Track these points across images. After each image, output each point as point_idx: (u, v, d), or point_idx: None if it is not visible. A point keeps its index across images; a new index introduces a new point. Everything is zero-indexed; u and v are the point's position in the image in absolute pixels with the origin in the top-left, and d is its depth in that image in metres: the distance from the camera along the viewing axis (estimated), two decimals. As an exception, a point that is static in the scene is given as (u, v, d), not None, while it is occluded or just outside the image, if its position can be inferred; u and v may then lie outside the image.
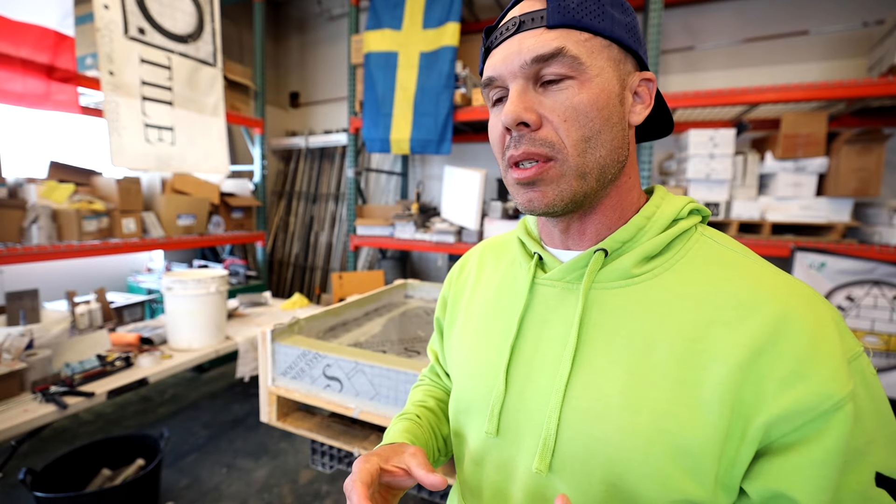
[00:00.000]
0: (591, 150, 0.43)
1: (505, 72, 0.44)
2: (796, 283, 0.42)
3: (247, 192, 3.73)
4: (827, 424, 0.36)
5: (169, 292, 2.12)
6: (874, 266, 2.26)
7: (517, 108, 0.42)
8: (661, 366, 0.41)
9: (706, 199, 2.57)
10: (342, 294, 2.95)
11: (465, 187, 3.00)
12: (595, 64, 0.43)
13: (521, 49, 0.43)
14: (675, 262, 0.45)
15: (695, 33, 3.11)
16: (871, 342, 2.31)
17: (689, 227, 0.47)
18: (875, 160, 2.28)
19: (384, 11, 3.04)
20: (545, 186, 0.44)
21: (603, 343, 0.45)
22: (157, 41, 2.67)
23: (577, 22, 0.42)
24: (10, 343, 1.75)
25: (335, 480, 2.08)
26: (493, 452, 0.51)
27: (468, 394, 0.54)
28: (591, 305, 0.47)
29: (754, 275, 0.42)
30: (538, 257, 0.52)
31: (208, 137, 3.04)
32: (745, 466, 0.39)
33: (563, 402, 0.44)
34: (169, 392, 2.96)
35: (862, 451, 0.37)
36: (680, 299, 0.43)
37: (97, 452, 1.84)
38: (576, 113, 0.42)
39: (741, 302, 0.40)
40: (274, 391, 1.26)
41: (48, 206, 2.32)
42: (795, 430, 0.37)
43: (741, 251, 0.46)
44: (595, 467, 0.42)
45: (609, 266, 0.47)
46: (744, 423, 0.38)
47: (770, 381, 0.37)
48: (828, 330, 0.38)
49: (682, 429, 0.39)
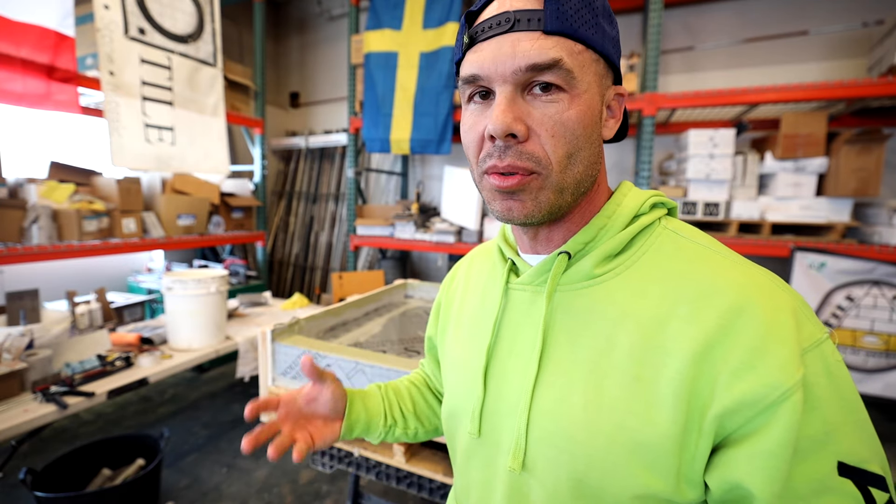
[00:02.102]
0: (571, 166, 0.43)
1: (494, 73, 0.41)
2: (757, 272, 0.42)
3: (247, 192, 3.73)
4: (775, 415, 0.36)
5: (169, 292, 2.12)
6: (874, 266, 2.26)
7: (507, 118, 0.40)
8: (620, 364, 0.42)
9: (706, 199, 2.57)
10: (342, 294, 2.95)
11: (465, 187, 3.00)
12: (584, 79, 0.42)
13: (516, 53, 0.40)
14: (637, 259, 0.45)
15: (695, 33, 3.11)
16: (870, 342, 2.31)
17: (651, 221, 0.47)
18: (875, 160, 2.28)
19: (384, 11, 3.05)
20: (525, 197, 0.43)
21: (567, 344, 0.46)
22: (157, 41, 2.67)
23: (574, 31, 0.40)
24: (11, 343, 1.75)
25: (335, 480, 2.09)
26: (477, 453, 0.53)
27: (456, 398, 0.56)
28: (557, 308, 0.47)
29: (714, 267, 0.42)
30: (511, 263, 0.53)
31: (208, 137, 3.04)
32: (704, 459, 0.39)
33: (532, 403, 0.46)
34: (169, 392, 2.96)
35: (820, 439, 0.36)
36: (640, 296, 0.43)
37: (97, 452, 1.84)
38: (564, 129, 0.41)
39: (697, 295, 0.41)
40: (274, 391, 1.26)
41: (48, 206, 2.32)
42: (748, 421, 0.37)
43: (705, 242, 0.45)
44: (562, 465, 0.43)
45: (572, 268, 0.47)
46: (699, 415, 0.38)
47: (722, 373, 0.37)
48: (782, 319, 0.38)
49: (640, 425, 0.40)
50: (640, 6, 3.17)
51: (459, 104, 2.97)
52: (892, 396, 2.30)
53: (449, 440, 0.60)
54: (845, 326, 2.34)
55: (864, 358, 2.32)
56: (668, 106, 2.55)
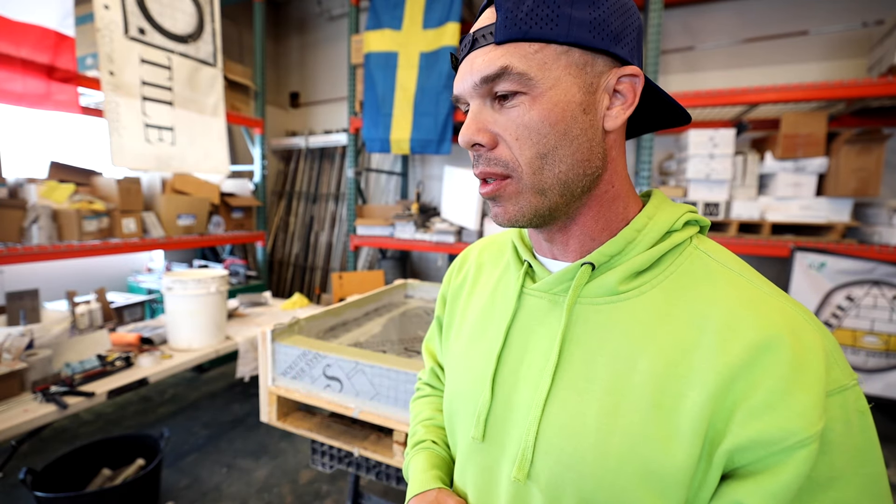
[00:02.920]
0: (548, 166, 0.42)
1: (463, 91, 0.44)
2: (790, 306, 0.40)
3: (247, 192, 3.73)
4: (788, 460, 0.35)
5: (169, 292, 2.12)
6: (874, 266, 2.26)
7: (470, 129, 0.43)
8: (639, 388, 0.40)
9: (706, 199, 2.57)
10: (342, 294, 2.95)
11: (464, 187, 3.00)
12: (548, 76, 0.40)
13: (473, 69, 0.42)
14: (664, 279, 0.44)
15: (695, 33, 3.11)
16: (870, 342, 2.31)
17: (684, 239, 0.45)
18: (875, 160, 2.28)
19: (384, 11, 3.05)
20: (505, 202, 0.45)
21: (584, 361, 0.44)
22: (157, 41, 2.67)
23: (524, 34, 0.40)
24: (11, 343, 1.75)
25: (335, 480, 2.09)
26: (477, 456, 0.52)
27: (458, 398, 0.55)
28: (576, 321, 0.46)
29: (744, 296, 0.40)
30: (528, 266, 0.52)
31: (208, 137, 3.04)
32: (711, 490, 0.39)
33: (542, 416, 0.44)
34: (169, 392, 2.96)
35: (822, 484, 0.36)
36: (664, 320, 0.42)
37: (97, 452, 1.84)
38: (527, 131, 0.41)
39: (724, 325, 0.39)
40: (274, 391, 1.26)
41: (48, 206, 2.32)
42: (758, 459, 0.36)
43: (738, 269, 0.43)
44: (568, 482, 0.43)
45: (595, 281, 0.45)
46: (711, 447, 0.38)
47: (740, 409, 0.37)
48: (810, 361, 0.36)
49: (655, 454, 0.39)
50: (641, 6, 3.17)
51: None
52: (893, 396, 2.30)
53: (450, 434, 0.60)
54: (845, 326, 2.34)
55: (864, 358, 2.32)
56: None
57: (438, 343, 0.71)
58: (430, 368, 0.73)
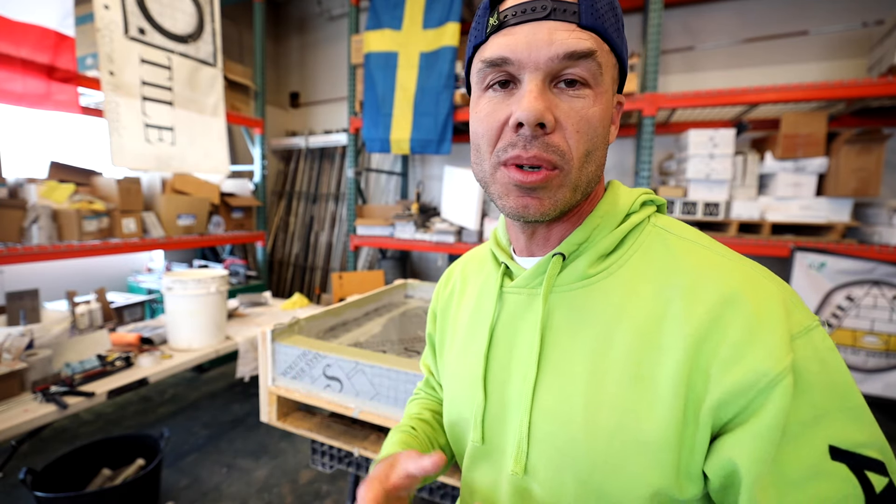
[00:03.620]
0: (587, 164, 0.43)
1: (527, 59, 0.40)
2: (743, 264, 0.42)
3: (247, 192, 3.73)
4: (766, 400, 0.36)
5: (169, 292, 2.12)
6: (874, 266, 2.26)
7: (540, 104, 0.39)
8: (618, 364, 0.42)
9: (706, 199, 2.57)
10: (342, 294, 2.95)
11: (464, 187, 3.00)
12: (606, 79, 0.42)
13: (553, 40, 0.39)
14: (630, 258, 0.46)
15: (695, 33, 3.11)
16: (870, 342, 2.31)
17: (642, 219, 0.47)
18: (875, 160, 2.28)
19: (384, 11, 3.05)
20: (544, 195, 0.42)
21: (565, 345, 0.46)
22: (157, 41, 2.67)
23: (604, 30, 0.41)
24: (11, 343, 1.75)
25: (335, 480, 2.09)
26: (481, 459, 0.52)
27: (457, 405, 0.56)
28: (554, 309, 0.47)
29: (701, 261, 0.43)
30: (505, 266, 0.53)
31: (208, 137, 3.04)
32: (703, 452, 0.39)
33: (532, 406, 0.45)
34: (169, 392, 2.96)
35: (809, 423, 0.36)
36: (633, 295, 0.43)
37: (97, 452, 1.84)
38: (588, 125, 0.41)
39: (687, 291, 0.41)
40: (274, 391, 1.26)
41: (48, 206, 2.32)
42: (742, 410, 0.37)
43: (693, 237, 0.46)
44: (566, 467, 0.43)
45: (567, 269, 0.47)
46: (695, 408, 0.39)
47: (714, 366, 0.38)
48: (769, 308, 0.38)
49: (640, 423, 0.40)
50: (640, 6, 3.16)
51: (459, 104, 2.96)
52: (893, 396, 2.30)
53: (455, 449, 0.59)
54: (845, 326, 2.34)
55: (864, 358, 2.32)
56: (668, 106, 2.55)
57: (433, 360, 0.72)
58: (426, 379, 0.75)
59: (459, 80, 2.88)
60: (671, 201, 2.64)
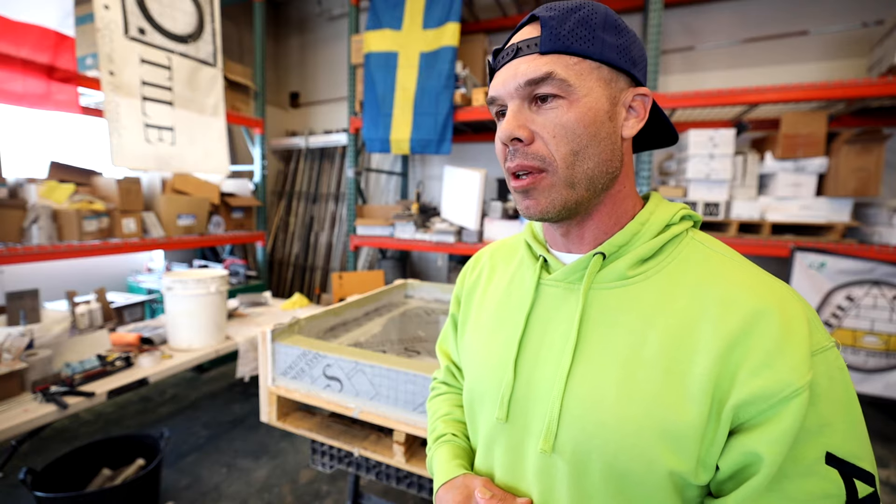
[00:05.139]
0: (579, 162, 0.48)
1: (503, 93, 0.50)
2: (775, 282, 0.47)
3: (247, 192, 3.73)
4: (785, 408, 0.40)
5: (169, 292, 2.12)
6: (874, 266, 2.26)
7: (511, 125, 0.48)
8: (651, 359, 0.46)
9: (706, 199, 2.57)
10: (342, 294, 2.95)
11: (465, 187, 3.00)
12: (584, 85, 0.47)
13: (517, 73, 0.48)
14: (667, 265, 0.50)
15: (695, 33, 3.11)
16: (870, 342, 2.31)
17: (681, 231, 0.52)
18: (875, 160, 2.28)
19: (384, 11, 3.04)
20: (538, 195, 0.50)
21: (600, 339, 0.50)
22: (157, 41, 2.67)
23: (566, 48, 0.47)
24: (11, 343, 1.75)
25: (335, 480, 2.09)
26: (502, 437, 0.56)
27: (480, 384, 0.59)
28: (591, 304, 0.51)
29: (736, 275, 0.47)
30: (543, 260, 0.57)
31: (208, 137, 3.04)
32: (721, 446, 0.44)
33: (565, 390, 0.50)
34: (169, 392, 2.96)
35: (814, 431, 0.41)
36: (669, 298, 0.48)
37: (97, 452, 1.84)
38: (564, 130, 0.47)
39: (722, 300, 0.45)
40: (274, 391, 1.26)
41: (48, 206, 2.32)
42: (760, 413, 0.42)
43: (728, 254, 0.50)
44: (593, 449, 0.47)
45: (607, 268, 0.51)
46: (719, 407, 0.43)
47: (742, 370, 0.42)
48: (796, 326, 0.43)
49: (669, 414, 0.44)
50: (640, 6, 3.17)
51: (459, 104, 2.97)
52: (893, 396, 2.30)
53: (470, 424, 0.64)
54: (845, 326, 2.34)
55: (864, 358, 2.32)
56: (668, 106, 2.55)
57: (453, 342, 0.74)
58: (446, 367, 0.76)
59: (459, 80, 2.88)
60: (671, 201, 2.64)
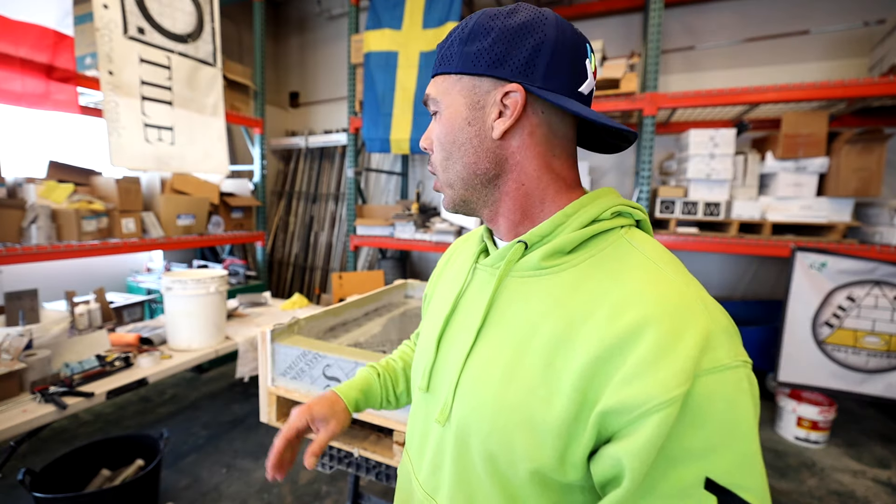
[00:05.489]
0: (449, 166, 0.55)
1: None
2: (683, 292, 0.44)
3: (246, 191, 3.72)
4: (647, 421, 0.39)
5: (168, 292, 2.11)
6: (875, 266, 2.26)
7: (422, 139, 0.59)
8: (537, 350, 0.47)
9: (707, 199, 2.56)
10: (342, 294, 2.95)
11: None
12: (446, 100, 0.53)
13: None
14: (585, 260, 0.49)
15: (695, 33, 3.11)
16: (872, 342, 2.30)
17: (610, 227, 0.51)
18: (876, 160, 2.27)
19: (384, 11, 3.04)
20: (443, 195, 0.58)
21: (502, 323, 0.52)
22: (156, 41, 2.67)
23: (437, 71, 0.55)
24: (10, 343, 1.75)
25: (335, 480, 2.08)
26: (422, 405, 0.62)
27: (417, 359, 0.66)
28: (502, 290, 0.54)
29: (645, 280, 0.45)
30: (484, 245, 0.61)
31: (208, 137, 3.03)
32: (588, 448, 0.43)
33: (463, 368, 0.53)
34: (169, 392, 2.95)
35: (696, 454, 0.39)
36: (572, 294, 0.48)
37: (96, 453, 1.84)
38: (438, 140, 0.55)
39: (616, 303, 0.44)
40: (274, 391, 1.26)
41: (47, 205, 2.31)
42: (628, 423, 0.40)
43: (654, 257, 0.48)
44: (471, 425, 0.51)
45: (525, 258, 0.53)
46: (589, 410, 0.43)
47: (614, 378, 0.41)
48: (684, 339, 0.40)
49: (538, 406, 0.45)
50: (641, 6, 3.16)
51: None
52: (894, 397, 2.29)
53: (409, 396, 0.77)
54: (846, 327, 2.33)
55: (865, 358, 2.32)
56: (669, 106, 2.55)
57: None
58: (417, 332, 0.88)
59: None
60: (672, 201, 2.64)
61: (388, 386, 0.80)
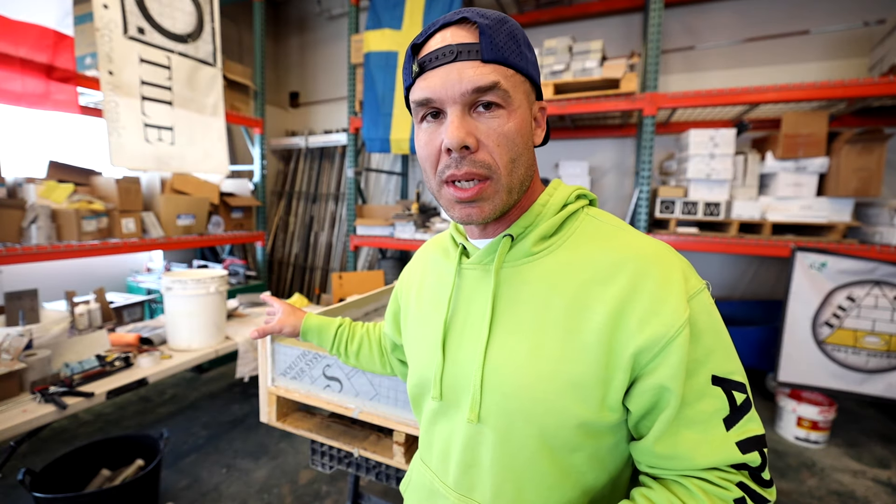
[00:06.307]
0: (515, 169, 0.52)
1: (445, 96, 0.50)
2: (654, 244, 0.54)
3: (246, 191, 3.72)
4: (674, 344, 0.48)
5: (168, 292, 2.11)
6: (875, 266, 2.26)
7: (461, 132, 0.49)
8: (554, 321, 0.52)
9: (707, 199, 2.56)
10: (342, 294, 2.95)
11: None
12: (517, 97, 0.51)
13: (462, 78, 0.49)
14: (566, 239, 0.56)
15: (695, 33, 3.11)
16: (872, 342, 2.30)
17: (577, 209, 0.58)
18: (876, 160, 2.27)
19: (384, 11, 3.04)
20: (483, 203, 0.52)
21: (512, 311, 0.55)
22: (156, 41, 2.67)
23: (505, 59, 0.50)
24: (10, 343, 1.75)
25: (335, 481, 2.08)
26: (440, 414, 0.62)
27: (420, 370, 0.65)
28: (503, 281, 0.57)
29: (623, 242, 0.54)
30: (462, 247, 0.63)
31: (208, 137, 3.03)
32: (622, 389, 0.51)
33: (485, 361, 0.55)
34: (169, 392, 2.95)
35: (701, 360, 0.49)
36: (568, 268, 0.54)
37: (96, 453, 1.84)
38: (506, 139, 0.50)
39: (613, 264, 0.52)
40: (273, 391, 1.26)
41: (47, 205, 2.31)
42: (657, 354, 0.48)
43: (617, 225, 0.57)
44: (514, 410, 0.53)
45: (515, 248, 0.57)
46: (620, 356, 0.50)
47: (633, 322, 0.49)
48: (673, 277, 0.50)
49: (572, 367, 0.51)
50: (641, 6, 3.16)
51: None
52: (894, 397, 2.29)
53: (416, 409, 0.71)
54: (846, 327, 2.33)
55: (865, 358, 2.31)
56: (669, 106, 2.55)
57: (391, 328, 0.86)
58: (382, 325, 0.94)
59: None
60: (672, 201, 2.64)
61: (343, 339, 0.93)
